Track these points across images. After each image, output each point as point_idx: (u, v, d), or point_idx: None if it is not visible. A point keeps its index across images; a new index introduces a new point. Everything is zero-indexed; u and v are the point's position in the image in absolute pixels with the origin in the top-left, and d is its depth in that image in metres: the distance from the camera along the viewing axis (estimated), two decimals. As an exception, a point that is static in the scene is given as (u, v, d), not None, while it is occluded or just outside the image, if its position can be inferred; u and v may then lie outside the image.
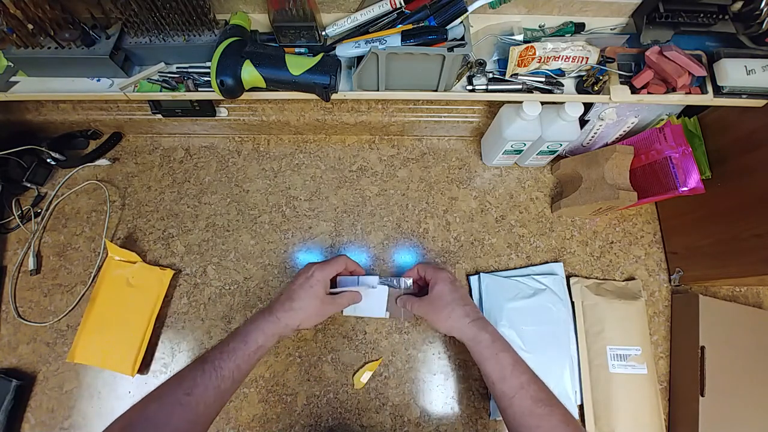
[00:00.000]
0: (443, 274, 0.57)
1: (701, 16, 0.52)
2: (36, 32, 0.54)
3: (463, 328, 0.53)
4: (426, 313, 0.56)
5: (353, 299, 0.59)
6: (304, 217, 0.72)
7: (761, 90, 0.54)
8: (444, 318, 0.54)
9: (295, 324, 0.52)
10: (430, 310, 0.56)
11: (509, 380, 0.48)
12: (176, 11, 0.52)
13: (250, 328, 0.49)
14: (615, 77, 0.57)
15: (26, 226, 0.70)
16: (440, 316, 0.54)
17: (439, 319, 0.55)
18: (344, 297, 0.58)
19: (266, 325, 0.50)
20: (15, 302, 0.66)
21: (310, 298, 0.53)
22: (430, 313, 0.56)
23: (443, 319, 0.54)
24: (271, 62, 0.54)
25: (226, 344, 0.48)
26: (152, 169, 0.75)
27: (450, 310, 0.54)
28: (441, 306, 0.55)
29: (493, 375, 0.49)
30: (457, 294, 0.55)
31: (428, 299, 0.56)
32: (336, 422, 0.60)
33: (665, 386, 0.63)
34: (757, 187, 0.55)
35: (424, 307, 0.56)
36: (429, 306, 0.56)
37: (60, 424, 0.60)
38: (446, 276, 0.57)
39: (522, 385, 0.48)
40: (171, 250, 0.69)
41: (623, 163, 0.63)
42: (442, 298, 0.55)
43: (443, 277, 0.57)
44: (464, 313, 0.53)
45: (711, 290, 0.67)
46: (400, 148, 0.77)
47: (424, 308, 0.57)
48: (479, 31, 0.59)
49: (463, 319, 0.53)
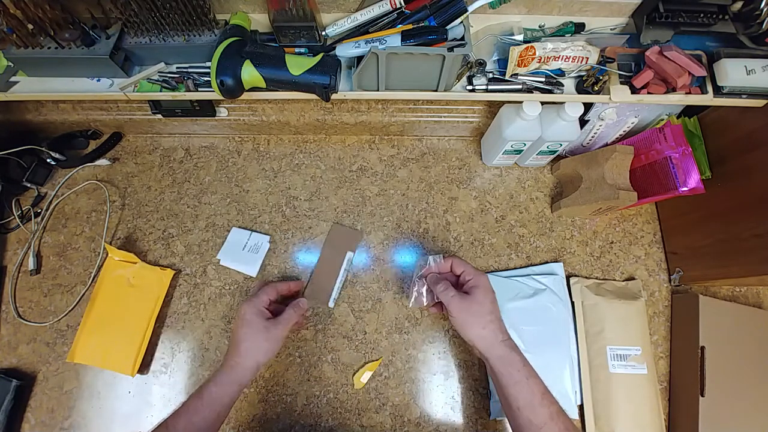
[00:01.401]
0: (486, 279, 0.53)
1: (701, 16, 0.52)
2: (36, 32, 0.54)
3: (494, 344, 0.50)
4: (459, 311, 0.51)
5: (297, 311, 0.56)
6: (304, 217, 0.72)
7: (761, 90, 0.54)
8: (478, 326, 0.50)
9: (251, 364, 0.51)
10: (466, 311, 0.51)
11: (538, 409, 0.46)
12: (176, 11, 0.52)
13: (205, 384, 0.50)
14: (615, 77, 0.57)
15: (26, 226, 0.70)
16: (475, 323, 0.50)
17: (472, 324, 0.51)
18: (285, 314, 0.55)
19: (219, 376, 0.50)
20: (15, 302, 0.66)
21: (251, 334, 0.52)
22: (464, 314, 0.51)
23: (477, 327, 0.50)
24: (271, 62, 0.54)
25: (183, 403, 0.49)
26: (152, 169, 0.75)
27: (488, 321, 0.50)
28: (480, 312, 0.51)
29: (521, 401, 0.47)
30: (495, 306, 0.52)
31: (466, 298, 0.51)
32: (336, 422, 0.60)
33: (665, 386, 0.63)
34: (757, 187, 0.55)
35: (461, 304, 0.51)
36: (468, 306, 0.51)
37: (60, 424, 0.60)
38: (488, 282, 0.53)
39: (552, 416, 0.46)
40: (171, 250, 0.69)
41: (623, 163, 0.63)
42: (484, 305, 0.51)
43: (486, 284, 0.53)
44: (500, 329, 0.51)
45: (711, 290, 0.67)
46: (400, 148, 0.77)
47: (459, 305, 0.51)
48: (479, 31, 0.59)
49: (498, 334, 0.50)
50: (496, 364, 0.49)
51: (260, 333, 0.52)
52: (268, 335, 0.52)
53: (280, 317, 0.55)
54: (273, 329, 0.53)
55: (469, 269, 0.55)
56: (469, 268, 0.55)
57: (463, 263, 0.56)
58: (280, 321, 0.54)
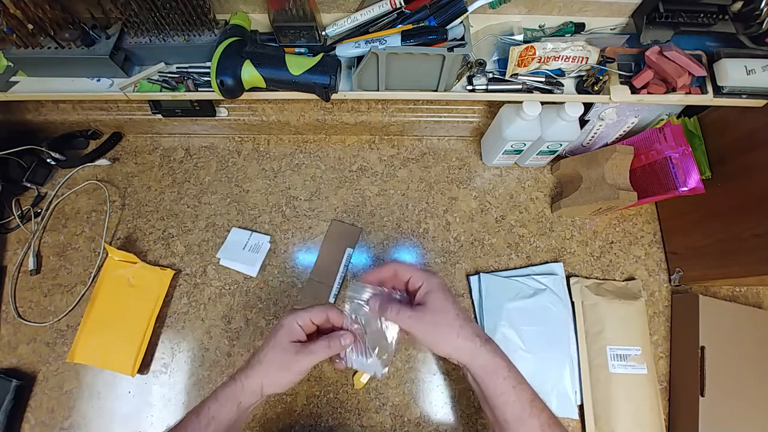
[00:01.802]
0: (438, 280, 0.45)
1: (701, 16, 0.52)
2: (36, 32, 0.54)
3: (474, 352, 0.43)
4: (424, 330, 0.44)
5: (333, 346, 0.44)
6: (304, 217, 0.72)
7: (761, 90, 0.54)
8: (451, 338, 0.43)
9: (256, 388, 0.43)
10: (431, 327, 0.43)
11: (528, 421, 0.41)
12: (176, 11, 0.52)
13: (206, 398, 0.44)
14: (615, 77, 0.57)
15: (26, 226, 0.70)
16: (446, 335, 0.43)
17: (443, 338, 0.43)
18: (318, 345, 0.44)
19: (221, 391, 0.43)
20: (15, 302, 0.66)
21: (270, 354, 0.43)
22: (431, 331, 0.43)
23: (450, 339, 0.43)
24: (271, 62, 0.54)
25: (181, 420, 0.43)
26: (152, 169, 0.75)
27: (459, 327, 0.43)
28: (447, 322, 0.43)
29: (509, 414, 0.42)
30: (458, 306, 0.45)
31: (425, 311, 0.43)
32: (336, 422, 0.60)
33: (665, 386, 0.63)
34: (757, 187, 0.55)
35: (420, 321, 0.43)
36: (431, 320, 0.43)
37: (60, 424, 0.60)
38: (441, 282, 0.46)
39: (542, 427, 0.41)
40: (171, 250, 0.69)
41: (623, 163, 0.63)
42: (447, 312, 0.44)
43: (440, 284, 0.45)
44: (474, 332, 0.44)
45: (711, 290, 0.67)
46: (400, 148, 0.77)
47: (418, 323, 0.43)
48: (479, 31, 0.59)
49: (474, 339, 0.43)
50: (478, 374, 0.43)
51: (278, 351, 0.44)
52: (286, 360, 0.43)
53: (310, 346, 0.44)
54: (297, 358, 0.43)
55: (417, 273, 0.46)
56: (417, 271, 0.46)
57: (407, 267, 0.47)
58: (310, 351, 0.44)
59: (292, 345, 0.43)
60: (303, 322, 0.45)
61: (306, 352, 0.43)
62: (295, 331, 0.44)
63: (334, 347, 0.44)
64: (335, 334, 0.45)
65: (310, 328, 0.46)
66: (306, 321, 0.45)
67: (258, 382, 0.43)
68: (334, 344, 0.44)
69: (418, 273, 0.46)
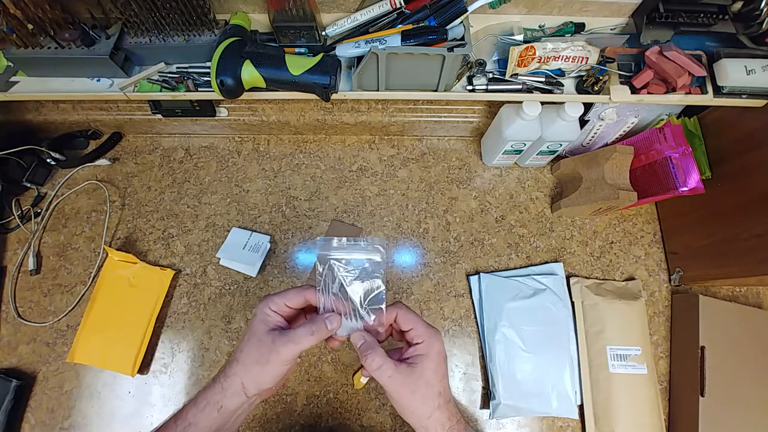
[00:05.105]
0: (440, 344, 0.40)
1: (701, 16, 0.52)
2: (36, 32, 0.54)
3: None
4: (400, 394, 0.39)
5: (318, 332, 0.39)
6: (304, 217, 0.72)
7: (761, 90, 0.54)
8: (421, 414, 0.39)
9: (237, 386, 0.39)
10: (408, 393, 0.39)
11: None
12: (176, 11, 0.52)
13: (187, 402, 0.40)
14: (615, 77, 0.57)
15: (26, 226, 0.70)
16: (417, 410, 0.39)
17: (414, 411, 0.39)
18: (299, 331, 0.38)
19: (201, 394, 0.40)
20: (15, 302, 0.66)
21: (245, 343, 0.39)
22: (406, 397, 0.39)
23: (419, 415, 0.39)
24: (271, 62, 0.54)
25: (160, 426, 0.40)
26: (152, 169, 0.75)
27: (434, 408, 0.39)
28: (427, 396, 0.39)
29: None
30: (445, 383, 0.41)
31: (409, 376, 0.39)
32: (336, 422, 0.60)
33: (665, 386, 0.63)
34: (757, 187, 0.55)
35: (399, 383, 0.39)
36: (412, 386, 0.39)
37: (60, 424, 0.60)
38: (442, 349, 0.41)
39: None
40: (171, 250, 0.69)
41: (623, 163, 0.63)
42: (431, 386, 0.39)
43: (440, 350, 0.40)
44: (447, 416, 0.40)
45: (711, 290, 0.67)
46: (400, 148, 0.77)
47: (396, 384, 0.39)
48: (479, 31, 0.59)
49: (444, 423, 0.39)
50: None
51: (256, 349, 0.39)
52: (264, 354, 0.38)
53: (289, 334, 0.39)
54: (275, 347, 0.38)
55: (420, 327, 0.41)
56: (420, 324, 0.41)
57: (412, 316, 0.41)
58: (289, 339, 0.38)
59: (269, 334, 0.39)
60: (277, 308, 0.40)
61: (284, 340, 0.38)
62: (270, 318, 0.40)
63: (319, 333, 0.39)
64: (319, 317, 0.40)
65: (287, 312, 0.41)
66: (280, 306, 0.40)
67: (238, 382, 0.39)
68: (319, 330, 0.39)
69: (422, 330, 0.41)
